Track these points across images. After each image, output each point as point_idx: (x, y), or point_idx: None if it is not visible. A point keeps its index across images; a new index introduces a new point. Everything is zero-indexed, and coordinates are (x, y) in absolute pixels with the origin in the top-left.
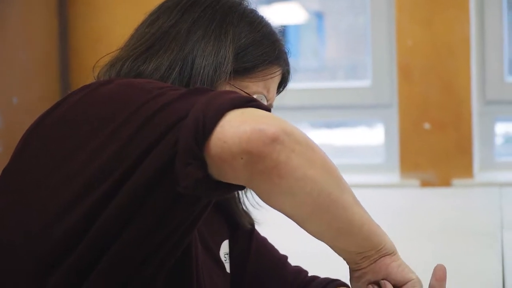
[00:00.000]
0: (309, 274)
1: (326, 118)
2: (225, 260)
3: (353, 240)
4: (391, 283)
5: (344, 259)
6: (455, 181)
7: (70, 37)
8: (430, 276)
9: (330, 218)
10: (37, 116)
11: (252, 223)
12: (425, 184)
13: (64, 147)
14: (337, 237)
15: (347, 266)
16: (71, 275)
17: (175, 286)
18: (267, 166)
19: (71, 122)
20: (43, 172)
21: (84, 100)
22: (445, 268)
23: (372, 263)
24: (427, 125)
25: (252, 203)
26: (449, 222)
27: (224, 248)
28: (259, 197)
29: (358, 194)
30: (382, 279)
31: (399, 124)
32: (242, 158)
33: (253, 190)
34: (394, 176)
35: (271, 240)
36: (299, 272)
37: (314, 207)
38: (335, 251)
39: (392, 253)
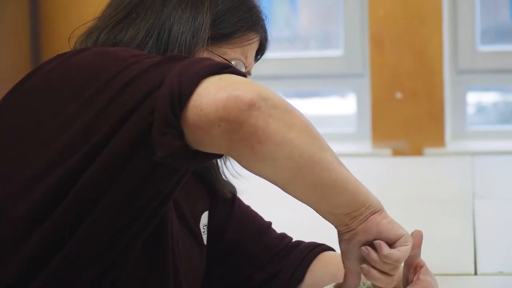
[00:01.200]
0: (294, 240)
1: (298, 88)
2: (203, 232)
3: (339, 200)
4: (384, 241)
5: (332, 222)
6: (427, 150)
7: (41, 5)
8: None
9: (314, 180)
10: (8, 85)
11: (233, 192)
12: (397, 153)
13: (38, 115)
14: (323, 199)
15: (332, 233)
16: (45, 244)
17: (149, 257)
18: (245, 132)
19: (46, 90)
20: (18, 140)
21: (59, 67)
22: (421, 235)
23: (362, 223)
24: (399, 95)
25: (232, 173)
26: (421, 191)
27: (204, 219)
28: (240, 164)
29: None
30: (374, 238)
31: (371, 93)
32: (219, 126)
33: (233, 158)
34: (366, 146)
35: (254, 208)
36: (283, 238)
37: (296, 171)
38: (322, 215)
39: (380, 210)
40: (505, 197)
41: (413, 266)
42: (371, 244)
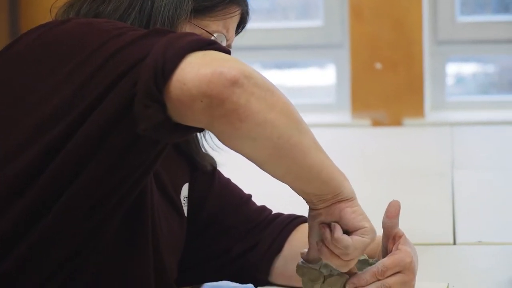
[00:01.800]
0: (273, 212)
1: (278, 59)
2: (184, 204)
3: (311, 184)
4: (343, 228)
5: (303, 198)
6: (406, 121)
7: None
8: (383, 214)
9: (289, 162)
10: None
11: (213, 165)
12: (376, 123)
13: (20, 85)
14: (296, 180)
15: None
16: (26, 215)
17: (129, 229)
18: (227, 109)
19: (28, 60)
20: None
21: (42, 38)
22: (399, 205)
23: (327, 206)
24: (378, 65)
25: (212, 146)
26: (400, 161)
27: (184, 191)
28: (219, 140)
29: None
30: (335, 222)
31: (350, 64)
32: (201, 101)
33: (213, 133)
34: (345, 116)
35: (234, 181)
36: (263, 210)
37: (273, 151)
38: (294, 191)
39: (349, 198)
40: (484, 167)
41: (392, 236)
42: (329, 225)
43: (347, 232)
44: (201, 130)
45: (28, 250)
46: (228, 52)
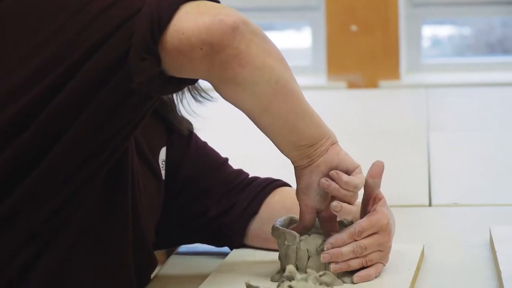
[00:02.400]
0: (250, 176)
1: (254, 21)
2: (162, 167)
3: (308, 129)
4: (343, 171)
5: (293, 157)
6: (382, 83)
7: None
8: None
9: (288, 107)
10: None
11: (189, 128)
12: (352, 86)
13: (11, 38)
14: (293, 130)
15: (289, 169)
16: (8, 171)
17: (109, 192)
18: (228, 55)
19: (19, 13)
20: None
21: None
22: (382, 165)
23: (324, 153)
24: (354, 28)
25: (188, 111)
26: (376, 124)
27: (162, 155)
28: (217, 89)
29: None
30: (334, 169)
31: (326, 26)
32: (201, 49)
33: (211, 82)
34: (321, 78)
35: (211, 144)
36: (240, 173)
37: (273, 97)
38: (284, 151)
39: (336, 141)
40: (459, 129)
41: (372, 197)
42: (328, 177)
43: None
44: (194, 82)
45: (9, 209)
46: (218, 1)
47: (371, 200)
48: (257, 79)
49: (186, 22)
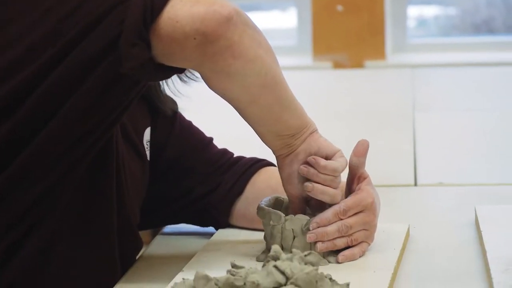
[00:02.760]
0: (235, 156)
1: (239, 1)
2: (146, 148)
3: (292, 120)
4: (322, 157)
5: (274, 147)
6: (368, 63)
7: None
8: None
9: (274, 99)
10: None
11: (174, 108)
12: (337, 66)
13: (1, 18)
14: (278, 119)
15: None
16: None
17: (94, 174)
18: (221, 46)
19: None
20: None
21: None
22: (367, 144)
23: (303, 142)
24: (339, 7)
25: (173, 91)
26: (362, 104)
27: (146, 136)
28: (207, 80)
29: None
30: (312, 155)
31: (311, 6)
32: (195, 38)
33: (202, 73)
34: (307, 59)
35: (195, 124)
36: (225, 153)
37: (261, 88)
38: (266, 141)
39: (316, 129)
40: (445, 109)
41: (357, 176)
42: (307, 163)
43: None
44: (182, 71)
45: None
46: None
47: (355, 179)
48: (249, 71)
49: (180, 10)
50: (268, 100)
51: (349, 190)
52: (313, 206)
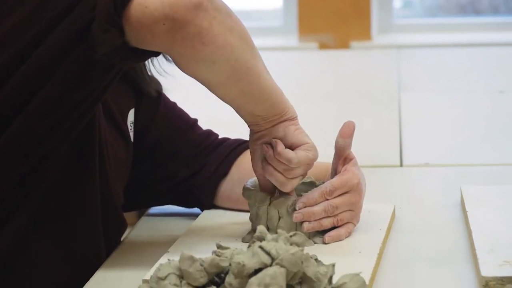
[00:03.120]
0: (220, 137)
1: None
2: (130, 129)
3: (261, 106)
4: (287, 144)
5: (246, 121)
6: (354, 44)
7: None
8: (330, 136)
9: (244, 85)
10: None
11: (158, 90)
12: (323, 46)
13: None
14: (247, 103)
15: None
16: None
17: (77, 156)
18: (190, 32)
19: None
20: None
21: None
22: (353, 125)
23: (272, 126)
24: None
25: (159, 70)
26: (348, 84)
27: (130, 117)
28: (177, 64)
29: None
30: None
31: None
32: (164, 24)
33: (172, 57)
34: (292, 39)
35: (180, 106)
36: (209, 134)
37: (230, 74)
38: (240, 114)
39: (293, 118)
40: (431, 90)
41: (343, 157)
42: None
43: (291, 149)
44: (157, 54)
45: None
46: None
47: (341, 160)
48: (217, 58)
49: None
50: (237, 85)
51: (335, 171)
52: None
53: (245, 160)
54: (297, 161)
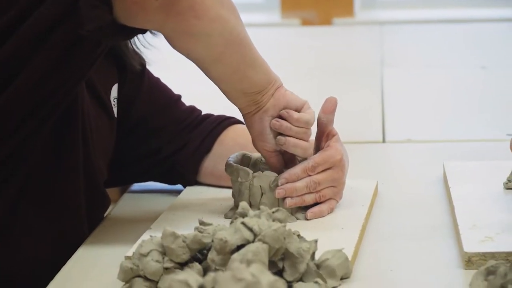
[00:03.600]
0: (203, 113)
1: None
2: (114, 105)
3: (256, 78)
4: (292, 110)
5: (240, 104)
6: (336, 20)
7: None
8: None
9: (239, 57)
10: None
11: (142, 64)
12: (306, 22)
13: None
14: (243, 77)
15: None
16: None
17: (59, 132)
18: (183, 6)
19: None
20: None
21: None
22: (335, 101)
23: (271, 98)
24: None
25: (144, 43)
26: (330, 61)
27: (114, 92)
28: (170, 41)
29: None
30: (282, 110)
31: None
32: (156, 0)
33: (164, 34)
34: (275, 15)
35: (164, 80)
36: (193, 110)
37: (224, 47)
38: (232, 99)
39: (281, 84)
40: (413, 66)
41: (325, 134)
42: (279, 117)
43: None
44: (144, 31)
45: None
46: None
47: (324, 136)
48: (212, 31)
49: None
50: (233, 58)
51: (318, 147)
52: (284, 161)
53: (228, 136)
54: (313, 120)
